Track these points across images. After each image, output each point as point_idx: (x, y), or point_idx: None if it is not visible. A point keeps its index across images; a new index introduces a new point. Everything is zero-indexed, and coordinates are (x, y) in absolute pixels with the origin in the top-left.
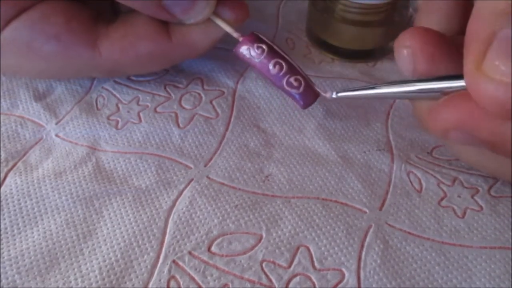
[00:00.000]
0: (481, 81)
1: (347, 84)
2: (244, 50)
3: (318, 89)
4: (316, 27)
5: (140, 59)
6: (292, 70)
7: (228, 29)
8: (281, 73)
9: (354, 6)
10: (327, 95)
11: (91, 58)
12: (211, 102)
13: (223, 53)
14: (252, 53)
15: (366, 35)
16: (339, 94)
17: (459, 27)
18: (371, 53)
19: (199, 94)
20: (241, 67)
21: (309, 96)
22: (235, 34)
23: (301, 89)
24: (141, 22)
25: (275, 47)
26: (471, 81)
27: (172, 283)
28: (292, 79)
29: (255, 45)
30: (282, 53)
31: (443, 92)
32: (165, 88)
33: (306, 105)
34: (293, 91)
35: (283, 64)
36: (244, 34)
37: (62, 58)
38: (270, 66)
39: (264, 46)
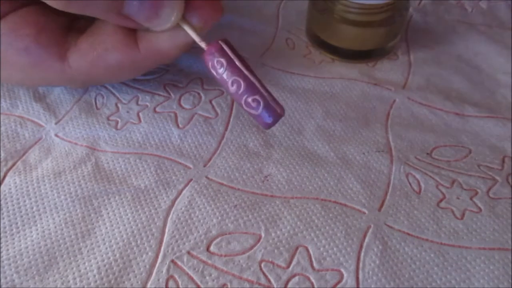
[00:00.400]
0: None
1: (347, 85)
2: (206, 61)
3: (280, 108)
4: (316, 27)
5: (110, 70)
6: (250, 89)
7: (194, 37)
8: (239, 92)
9: (354, 6)
10: None
11: (61, 71)
12: (210, 101)
13: None
14: (214, 67)
15: (366, 35)
16: None
17: None
18: (371, 53)
19: (198, 93)
20: None
21: (269, 116)
22: (201, 44)
23: (260, 110)
24: (108, 32)
25: (236, 61)
26: None
27: (171, 283)
28: (250, 100)
29: (215, 59)
30: (242, 68)
31: None
32: (164, 87)
33: (266, 126)
34: (252, 111)
35: (241, 82)
36: (210, 42)
37: (34, 70)
38: (229, 85)
39: (223, 61)
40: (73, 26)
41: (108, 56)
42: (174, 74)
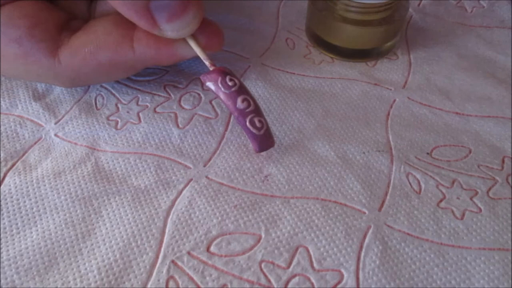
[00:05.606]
0: None
1: (347, 84)
2: (213, 78)
3: (273, 139)
4: (316, 26)
5: (101, 68)
6: (259, 111)
7: (200, 53)
8: (248, 110)
9: (354, 5)
10: None
11: (50, 66)
12: (210, 102)
13: (222, 54)
14: (223, 83)
15: (366, 35)
16: None
17: None
18: (371, 53)
19: (198, 94)
20: (241, 68)
21: (267, 141)
22: (206, 62)
23: (262, 131)
24: (104, 31)
25: (246, 87)
26: None
27: (171, 283)
28: (256, 119)
29: (228, 77)
30: (252, 95)
31: None
32: (164, 88)
33: (262, 149)
34: (254, 131)
35: (251, 102)
36: (216, 65)
37: (22, 62)
38: (238, 100)
39: (236, 81)
40: (69, 25)
41: (100, 54)
42: (174, 75)
